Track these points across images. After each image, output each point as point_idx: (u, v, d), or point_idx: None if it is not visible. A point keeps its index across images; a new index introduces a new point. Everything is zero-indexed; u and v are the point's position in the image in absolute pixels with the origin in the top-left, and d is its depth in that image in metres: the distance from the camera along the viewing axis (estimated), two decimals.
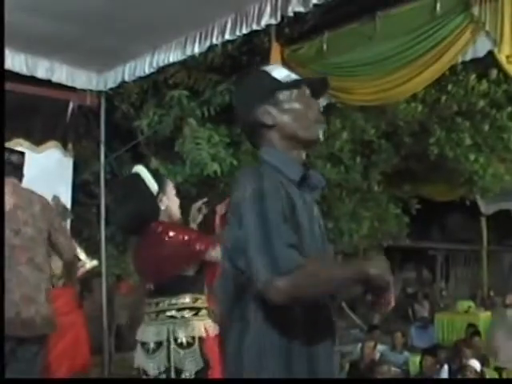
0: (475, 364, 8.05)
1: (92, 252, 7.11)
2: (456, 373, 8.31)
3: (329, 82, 2.75)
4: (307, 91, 2.55)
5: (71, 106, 7.67)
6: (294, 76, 2.57)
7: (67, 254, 5.37)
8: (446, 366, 8.43)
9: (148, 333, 4.11)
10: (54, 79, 7.16)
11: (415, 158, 10.54)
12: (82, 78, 7.46)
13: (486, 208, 15.25)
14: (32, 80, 7.04)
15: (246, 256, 2.26)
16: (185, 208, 4.54)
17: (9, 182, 5.00)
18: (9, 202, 4.89)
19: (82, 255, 6.92)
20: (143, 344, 4.10)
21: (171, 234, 4.09)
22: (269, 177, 2.33)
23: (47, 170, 6.86)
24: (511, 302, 14.67)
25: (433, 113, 9.42)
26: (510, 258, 20.11)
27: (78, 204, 8.54)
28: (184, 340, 4.03)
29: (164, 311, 4.10)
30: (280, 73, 2.56)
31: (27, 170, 5.62)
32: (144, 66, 6.78)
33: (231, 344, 2.39)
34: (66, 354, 6.43)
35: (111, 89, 7.78)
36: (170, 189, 4.36)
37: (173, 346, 4.01)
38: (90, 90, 7.68)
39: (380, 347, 9.74)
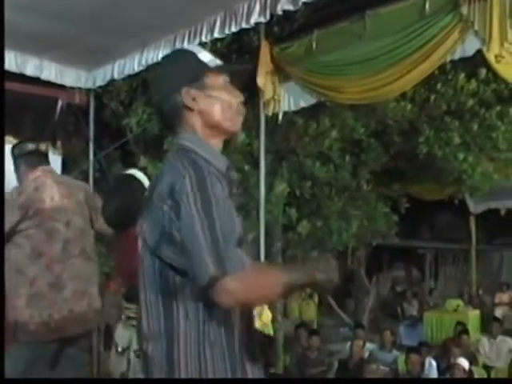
0: (464, 362, 8.08)
1: None
2: (445, 371, 8.35)
3: (252, 72, 2.65)
4: (230, 82, 2.48)
5: (60, 103, 7.64)
6: (218, 61, 2.46)
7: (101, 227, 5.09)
8: (434, 364, 8.46)
9: (119, 335, 4.09)
10: (43, 77, 7.13)
11: (404, 156, 10.58)
12: (71, 76, 7.43)
13: (475, 207, 15.33)
14: (21, 77, 7.01)
15: (184, 250, 2.15)
16: None
17: (46, 172, 4.85)
18: (55, 192, 4.72)
19: None
20: (116, 343, 4.08)
21: None
22: (202, 164, 2.24)
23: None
24: (500, 301, 14.79)
25: (422, 112, 9.45)
26: (499, 257, 20.17)
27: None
28: (118, 348, 3.99)
29: (131, 319, 4.06)
30: (205, 56, 2.44)
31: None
32: (133, 63, 6.76)
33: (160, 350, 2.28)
34: None
35: (100, 87, 7.76)
36: None
37: (132, 353, 3.98)
38: (79, 88, 7.64)
39: (369, 346, 9.78)
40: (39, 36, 6.23)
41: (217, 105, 2.41)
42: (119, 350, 3.98)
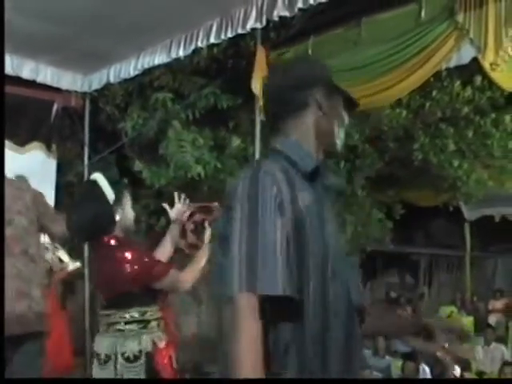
0: (455, 369, 8.09)
1: (75, 254, 7.09)
2: (438, 378, 8.36)
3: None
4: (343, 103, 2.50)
5: (56, 107, 7.65)
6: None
7: (56, 230, 5.08)
8: (427, 370, 8.47)
9: (100, 344, 4.06)
10: (39, 80, 7.15)
11: (399, 163, 10.57)
12: (67, 79, 7.45)
13: (470, 214, 15.33)
14: (17, 80, 7.01)
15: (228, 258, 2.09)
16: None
17: None
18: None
19: (65, 257, 6.90)
20: (97, 355, 4.05)
21: (125, 252, 3.98)
22: (265, 173, 2.15)
23: (31, 171, 6.79)
24: (493, 308, 14.78)
25: (417, 118, 9.45)
26: (493, 264, 20.16)
27: (61, 205, 8.50)
28: (131, 354, 3.97)
29: (114, 324, 4.04)
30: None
31: (11, 170, 5.58)
32: (129, 68, 6.77)
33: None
34: (48, 355, 6.39)
35: (96, 90, 7.77)
36: (127, 200, 4.24)
37: (120, 359, 3.97)
38: (75, 92, 7.67)
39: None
40: (35, 39, 6.25)
41: (333, 117, 2.45)
42: (102, 358, 3.95)
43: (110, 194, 4.09)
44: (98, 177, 4.18)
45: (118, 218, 4.11)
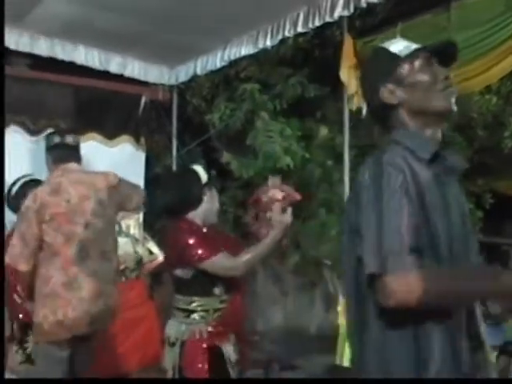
0: None
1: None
2: None
3: (457, 45, 2.48)
4: (432, 59, 2.36)
5: (143, 100, 7.71)
6: (414, 46, 2.38)
7: (135, 206, 5.22)
8: None
9: (170, 328, 4.10)
10: (127, 74, 7.21)
11: (489, 151, 10.34)
12: (154, 73, 7.50)
13: None
14: (105, 75, 7.10)
15: (360, 245, 2.11)
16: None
17: (66, 172, 4.77)
18: (72, 194, 4.66)
19: (155, 248, 6.97)
20: (167, 338, 4.10)
21: (186, 234, 3.96)
22: (388, 163, 2.14)
23: (120, 164, 6.88)
24: None
25: (507, 105, 9.23)
26: None
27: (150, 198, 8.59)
28: (170, 340, 4.00)
29: (181, 309, 4.05)
30: (398, 46, 2.39)
31: (100, 163, 5.63)
32: (216, 59, 6.77)
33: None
34: (138, 346, 6.46)
35: (183, 83, 7.81)
36: (215, 193, 4.25)
37: (166, 343, 4.02)
38: (162, 85, 7.71)
39: None
40: (122, 34, 6.30)
41: (415, 90, 2.33)
42: (171, 341, 4.00)
43: (203, 178, 4.14)
44: (198, 167, 4.23)
45: (203, 203, 4.12)
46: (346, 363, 5.49)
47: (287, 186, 4.38)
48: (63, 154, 4.84)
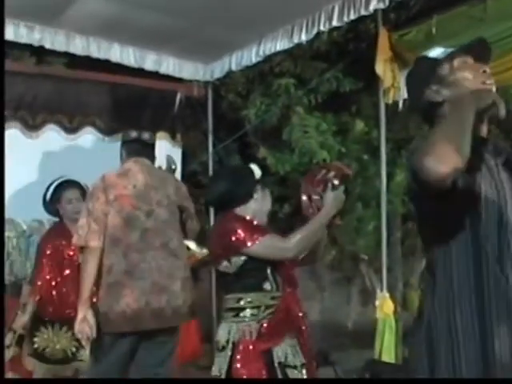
0: None
1: (201, 241, 7.16)
2: None
3: (488, 43, 2.61)
4: (469, 59, 2.50)
5: (179, 96, 7.72)
6: (448, 50, 2.56)
7: (191, 235, 5.19)
8: None
9: (220, 332, 3.95)
10: (162, 71, 7.23)
11: None
12: (189, 69, 7.50)
13: None
14: (140, 72, 7.12)
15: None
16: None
17: (138, 162, 4.85)
18: (140, 180, 4.72)
19: (192, 245, 6.98)
20: (216, 343, 3.95)
21: (233, 221, 3.86)
22: None
23: (157, 161, 6.92)
24: None
25: None
26: None
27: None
28: (219, 344, 3.78)
29: (230, 309, 3.92)
30: (436, 52, 2.57)
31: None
32: (250, 55, 6.75)
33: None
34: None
35: (218, 79, 7.79)
36: (267, 192, 4.16)
37: (216, 348, 3.87)
38: (197, 81, 7.72)
39: None
40: (157, 31, 6.31)
41: (456, 87, 2.46)
42: (220, 345, 3.82)
43: (257, 174, 4.10)
44: (254, 165, 4.20)
45: (254, 200, 4.04)
46: (385, 358, 5.47)
47: (338, 162, 4.32)
48: (138, 148, 4.93)
